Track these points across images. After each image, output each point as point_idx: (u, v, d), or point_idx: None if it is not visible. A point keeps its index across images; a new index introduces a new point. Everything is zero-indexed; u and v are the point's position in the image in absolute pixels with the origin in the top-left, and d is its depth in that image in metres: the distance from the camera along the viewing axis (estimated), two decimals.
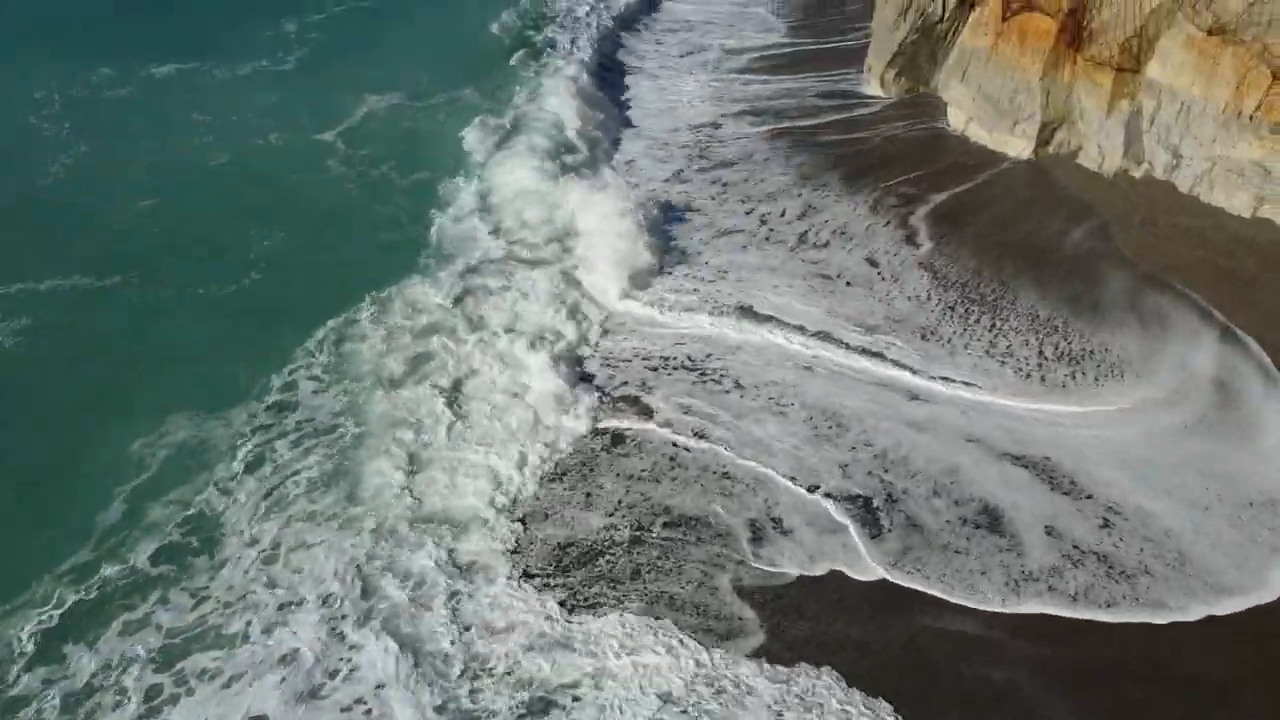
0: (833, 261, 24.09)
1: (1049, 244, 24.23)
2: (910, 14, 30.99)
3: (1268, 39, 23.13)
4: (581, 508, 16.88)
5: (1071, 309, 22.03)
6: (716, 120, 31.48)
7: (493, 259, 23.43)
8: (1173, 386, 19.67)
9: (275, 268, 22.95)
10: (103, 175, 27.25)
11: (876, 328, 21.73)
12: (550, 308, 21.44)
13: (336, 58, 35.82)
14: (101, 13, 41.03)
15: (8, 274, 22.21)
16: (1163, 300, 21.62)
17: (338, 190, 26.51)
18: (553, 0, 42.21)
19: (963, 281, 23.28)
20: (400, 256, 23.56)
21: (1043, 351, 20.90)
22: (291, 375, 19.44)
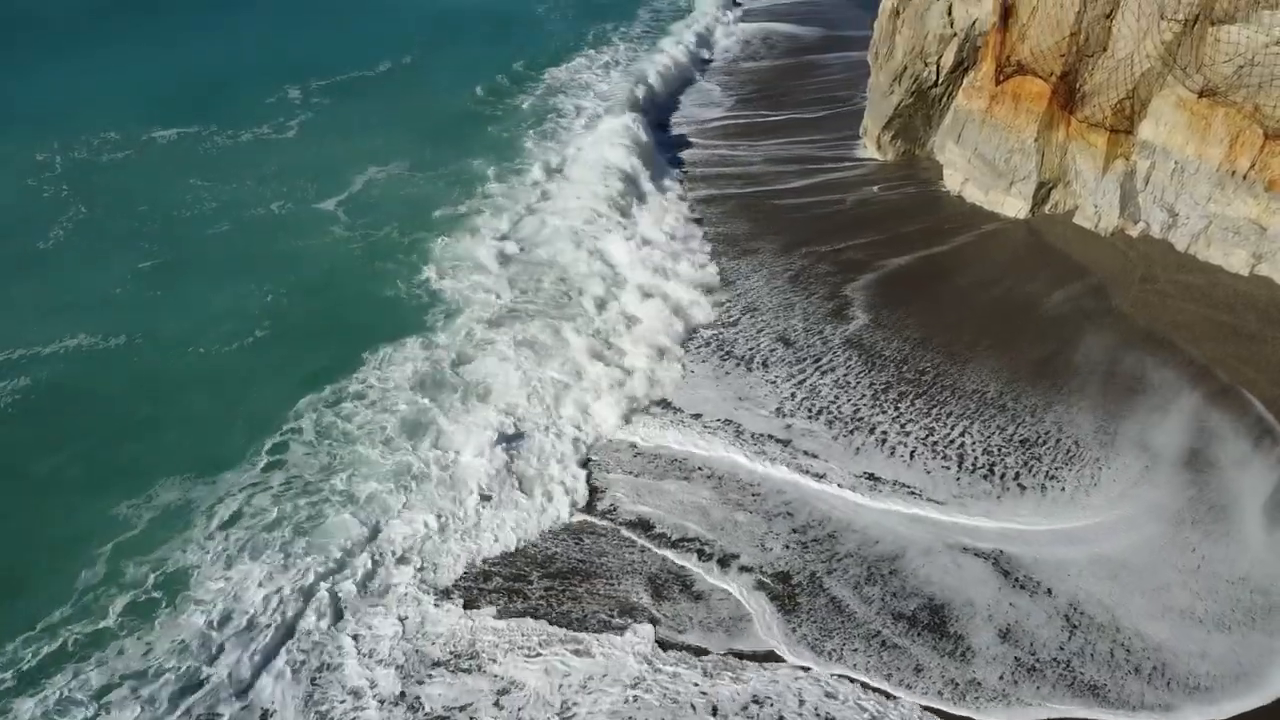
0: (738, 341, 23.25)
1: (1027, 305, 24.25)
2: (905, 79, 31.76)
3: (1258, 100, 23.69)
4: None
5: (1033, 379, 21.38)
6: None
7: (493, 321, 23.67)
8: (1141, 466, 18.83)
9: (273, 330, 23.26)
10: (102, 237, 27.73)
11: (782, 419, 20.30)
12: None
13: (339, 124, 36.56)
14: (106, 76, 41.94)
15: (8, 336, 22.56)
16: (1145, 360, 21.67)
17: (337, 256, 26.95)
18: (566, 70, 43.06)
19: (900, 358, 22.23)
20: (399, 319, 23.83)
21: (988, 441, 19.52)
22: (284, 436, 19.55)
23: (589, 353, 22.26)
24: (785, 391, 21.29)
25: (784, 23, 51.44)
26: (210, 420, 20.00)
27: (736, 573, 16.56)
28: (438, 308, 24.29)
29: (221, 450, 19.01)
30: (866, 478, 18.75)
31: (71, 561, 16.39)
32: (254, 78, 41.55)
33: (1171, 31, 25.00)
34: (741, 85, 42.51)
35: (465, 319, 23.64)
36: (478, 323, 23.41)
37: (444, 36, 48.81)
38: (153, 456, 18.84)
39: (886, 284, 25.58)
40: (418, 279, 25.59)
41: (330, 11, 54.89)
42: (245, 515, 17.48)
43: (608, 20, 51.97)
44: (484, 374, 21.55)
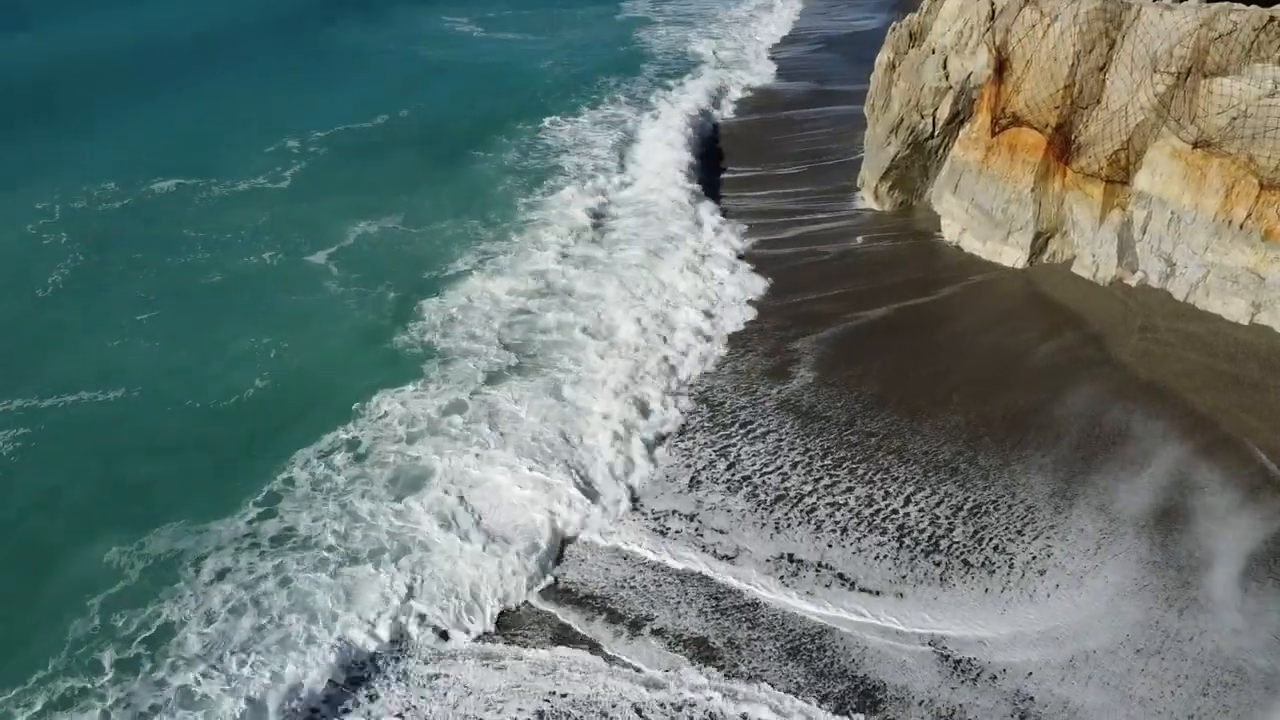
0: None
1: (1013, 356, 24.17)
2: (901, 131, 32.27)
3: (1253, 151, 24.05)
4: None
5: (1001, 436, 20.74)
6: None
7: (490, 372, 23.82)
8: (1101, 531, 18.05)
9: (267, 381, 23.49)
10: (99, 287, 28.25)
11: (694, 492, 19.40)
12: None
13: (334, 177, 37.19)
14: (109, 125, 42.84)
15: (6, 387, 22.95)
16: (1135, 412, 21.55)
17: (329, 308, 27.29)
18: (566, 130, 43.51)
19: (846, 419, 21.28)
20: (394, 372, 24.02)
21: (934, 511, 18.47)
22: (276, 488, 19.65)
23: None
24: (702, 460, 20.70)
25: (778, 80, 52.21)
26: (203, 471, 20.13)
27: (648, 636, 16.26)
28: (433, 361, 24.44)
29: (213, 502, 19.10)
30: (786, 560, 17.65)
31: (66, 612, 16.44)
32: (254, 129, 42.52)
33: (1164, 84, 25.48)
34: (725, 139, 42.98)
35: (460, 374, 23.75)
36: (472, 379, 23.51)
37: (442, 90, 49.87)
38: (146, 507, 18.97)
39: (850, 338, 25.30)
40: (412, 333, 25.80)
41: (330, 64, 56.35)
42: (234, 570, 17.47)
43: (611, 75, 52.67)
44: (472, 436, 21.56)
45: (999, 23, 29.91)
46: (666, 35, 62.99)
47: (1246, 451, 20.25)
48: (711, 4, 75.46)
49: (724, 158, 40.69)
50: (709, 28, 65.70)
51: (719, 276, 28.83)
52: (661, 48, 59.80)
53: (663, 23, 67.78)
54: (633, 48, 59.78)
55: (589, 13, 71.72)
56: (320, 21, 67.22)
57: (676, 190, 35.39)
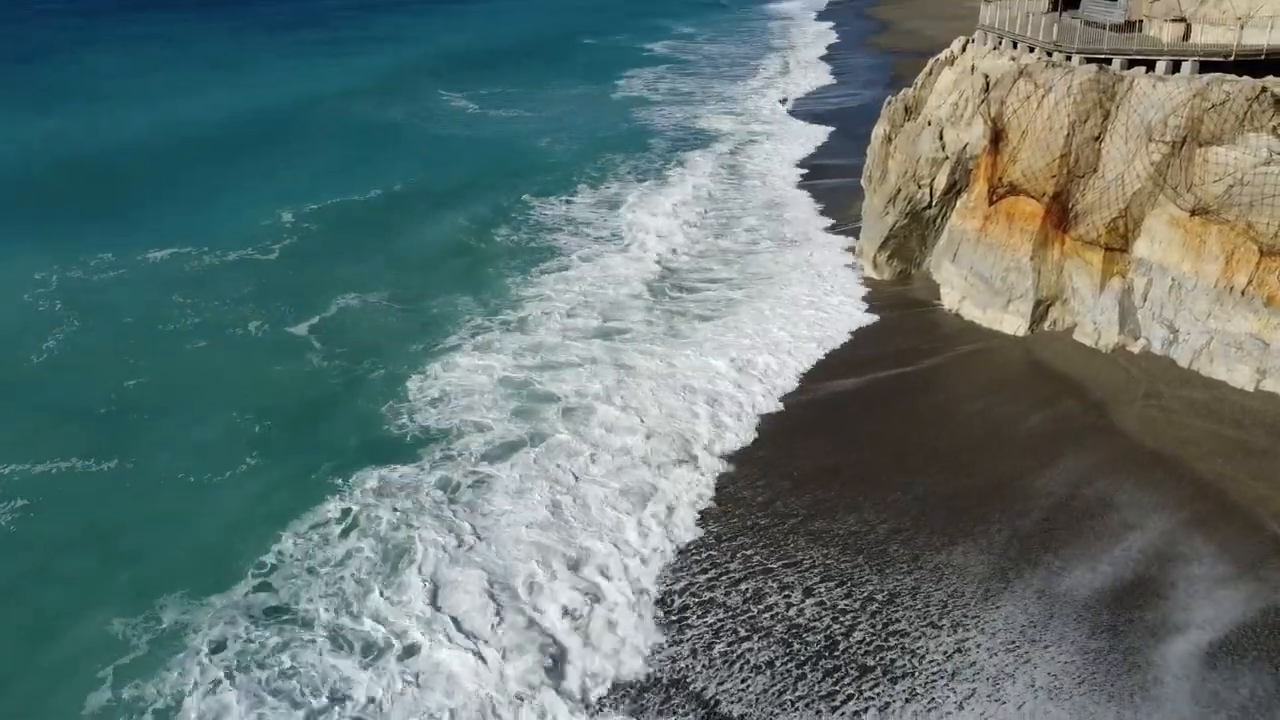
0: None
1: (997, 427, 24.11)
2: (899, 201, 32.85)
3: (1250, 218, 24.51)
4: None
5: (958, 511, 20.34)
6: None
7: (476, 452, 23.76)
8: (1029, 624, 17.10)
9: (255, 455, 23.68)
10: (93, 354, 28.96)
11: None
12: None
13: (322, 250, 37.93)
14: (110, 199, 43.87)
15: (3, 453, 23.35)
16: (1124, 481, 21.38)
17: (312, 379, 27.66)
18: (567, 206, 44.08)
19: (765, 499, 20.89)
20: (380, 447, 24.10)
21: (835, 605, 17.28)
22: (271, 560, 19.79)
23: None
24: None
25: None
26: (196, 543, 20.40)
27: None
28: (419, 437, 24.49)
29: (210, 574, 19.34)
30: (626, 689, 15.99)
31: (81, 683, 16.71)
32: (247, 200, 43.57)
33: (1160, 153, 26.09)
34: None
35: (448, 451, 23.77)
36: (460, 456, 23.50)
37: (440, 165, 50.92)
38: (145, 578, 19.27)
39: (804, 411, 25.31)
40: (397, 405, 25.95)
41: (326, 138, 57.72)
42: (235, 641, 17.62)
43: (617, 152, 53.31)
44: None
45: (994, 94, 30.71)
46: (665, 115, 64.51)
47: (1255, 520, 20.15)
48: (708, 82, 77.38)
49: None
50: (705, 107, 67.09)
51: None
52: (658, 126, 61.14)
53: (660, 102, 69.48)
54: (629, 127, 61.24)
55: (583, 92, 73.58)
56: (319, 95, 68.94)
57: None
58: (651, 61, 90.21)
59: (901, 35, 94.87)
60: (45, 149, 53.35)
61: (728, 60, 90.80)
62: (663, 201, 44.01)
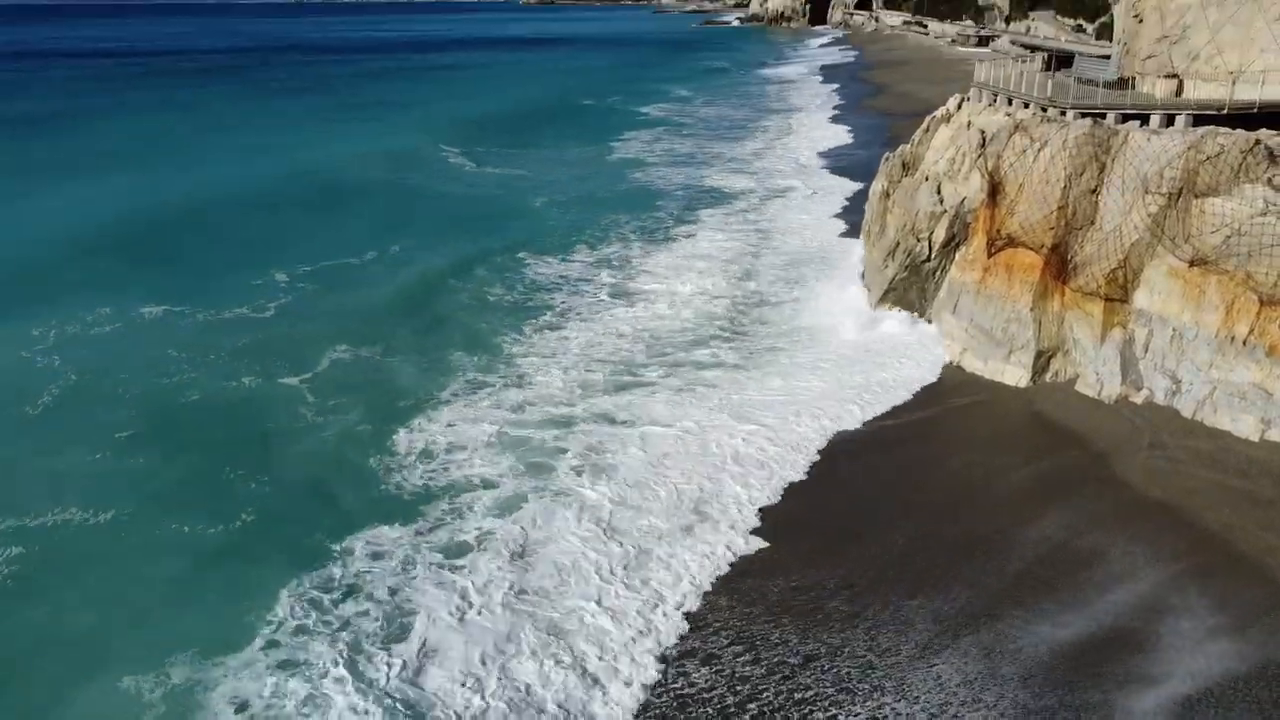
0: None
1: (983, 480, 23.93)
2: (898, 254, 33.37)
3: (1249, 268, 24.92)
4: None
5: (917, 568, 19.89)
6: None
7: (466, 514, 23.66)
8: (961, 688, 16.08)
9: (256, 509, 23.67)
10: (87, 408, 29.12)
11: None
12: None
13: (318, 307, 38.34)
14: (107, 260, 44.49)
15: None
16: (1120, 533, 21.22)
17: (307, 433, 27.80)
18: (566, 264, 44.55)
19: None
20: (379, 502, 24.08)
21: (736, 678, 16.04)
22: (274, 620, 19.66)
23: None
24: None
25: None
26: (198, 601, 20.25)
27: None
28: (418, 492, 24.46)
29: (218, 635, 19.15)
30: None
31: None
32: (243, 260, 44.21)
33: (1157, 204, 26.64)
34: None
35: (451, 506, 23.75)
36: (462, 514, 23.44)
37: (432, 225, 51.69)
38: (151, 637, 19.10)
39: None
40: (394, 459, 26.01)
41: (321, 193, 58.53)
42: (250, 701, 17.50)
43: (620, 212, 53.67)
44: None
45: (990, 149, 31.42)
46: (669, 176, 65.55)
47: (1263, 571, 20.07)
48: (705, 144, 78.76)
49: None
50: (710, 167, 68.22)
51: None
52: (663, 186, 62.00)
53: (660, 163, 70.68)
54: (629, 186, 62.12)
55: (582, 153, 75.04)
56: (313, 158, 70.17)
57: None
58: (651, 124, 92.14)
59: (896, 98, 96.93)
60: (43, 212, 54.18)
61: (727, 122, 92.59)
62: (671, 258, 44.45)
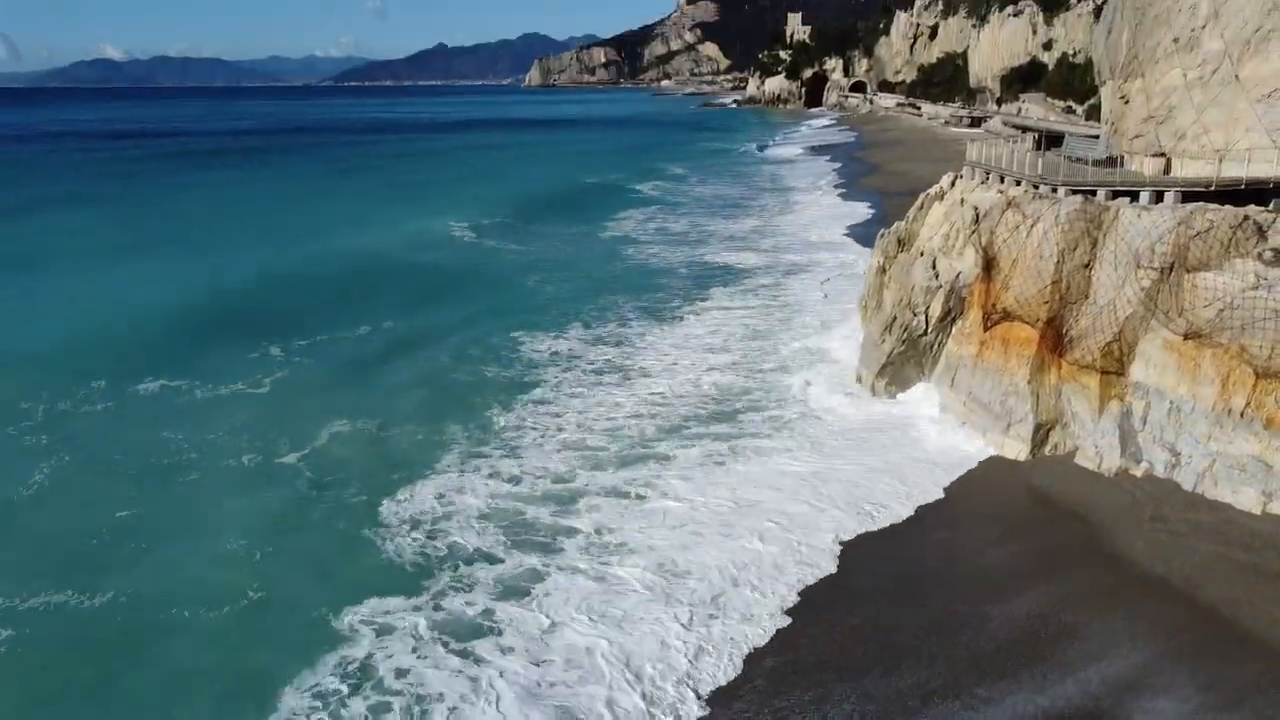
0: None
1: (974, 555, 23.84)
2: (895, 328, 33.72)
3: (1243, 341, 25.22)
4: None
5: (868, 648, 19.71)
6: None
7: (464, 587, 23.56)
8: None
9: (255, 588, 23.48)
10: (81, 487, 28.93)
11: None
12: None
13: (313, 383, 38.59)
14: (105, 331, 44.79)
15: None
16: (1108, 610, 20.95)
17: (306, 508, 27.67)
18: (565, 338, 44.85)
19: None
20: (380, 579, 23.92)
21: None
22: (279, 707, 19.35)
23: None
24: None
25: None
26: (203, 687, 19.90)
27: None
28: (421, 567, 24.32)
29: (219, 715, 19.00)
30: None
31: None
32: (238, 333, 44.62)
33: (1149, 279, 27.08)
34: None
35: (455, 582, 23.59)
36: (466, 592, 23.24)
37: (430, 299, 52.30)
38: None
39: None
40: (394, 534, 25.90)
41: (322, 265, 59.32)
42: None
43: (617, 294, 53.74)
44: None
45: (983, 225, 32.02)
46: (655, 255, 66.34)
47: (1266, 646, 19.81)
48: (706, 221, 79.97)
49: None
50: (696, 248, 69.03)
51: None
52: (650, 267, 62.48)
53: (647, 242, 71.70)
54: (620, 266, 62.86)
55: (577, 231, 76.57)
56: (317, 230, 71.34)
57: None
58: (649, 202, 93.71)
59: (891, 176, 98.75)
60: (45, 294, 54.88)
61: (723, 200, 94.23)
62: (676, 336, 44.70)
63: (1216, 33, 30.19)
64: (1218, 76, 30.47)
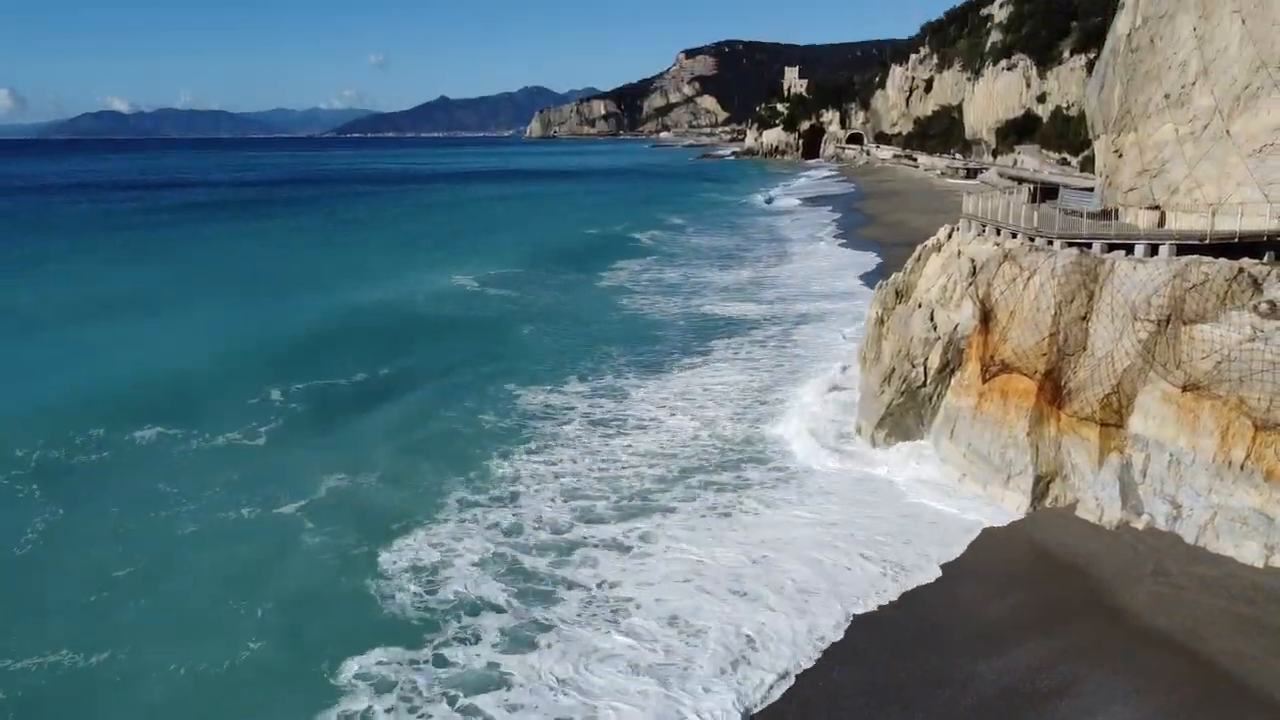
0: None
1: (972, 612, 23.81)
2: (894, 379, 33.80)
3: (1242, 393, 25.24)
4: None
5: (830, 703, 19.84)
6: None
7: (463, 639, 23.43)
8: None
9: (256, 643, 23.24)
10: (76, 541, 28.64)
11: None
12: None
13: (311, 433, 38.58)
14: (105, 380, 44.88)
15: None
16: (1107, 667, 20.66)
17: (306, 561, 27.52)
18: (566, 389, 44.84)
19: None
20: (382, 632, 23.73)
21: None
22: None
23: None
24: None
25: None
26: None
27: None
28: (424, 620, 24.12)
29: None
30: None
31: None
32: (238, 379, 44.94)
33: (1146, 331, 27.19)
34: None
35: (459, 635, 23.41)
36: (468, 645, 23.06)
37: (424, 350, 52.50)
38: None
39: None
40: (394, 586, 25.72)
41: (326, 313, 59.89)
42: None
43: (612, 345, 53.58)
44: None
45: (980, 277, 32.23)
46: (648, 304, 66.75)
47: (1271, 700, 19.58)
48: (701, 273, 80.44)
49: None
50: (692, 299, 69.29)
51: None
52: (649, 318, 62.40)
53: (639, 292, 72.22)
54: (616, 316, 63.09)
55: (576, 280, 77.45)
56: (318, 275, 71.90)
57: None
58: (647, 252, 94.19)
59: (889, 227, 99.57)
60: (38, 340, 55.14)
61: (721, 251, 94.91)
62: (680, 386, 44.69)
63: (1206, 89, 30.66)
64: (1209, 132, 30.88)
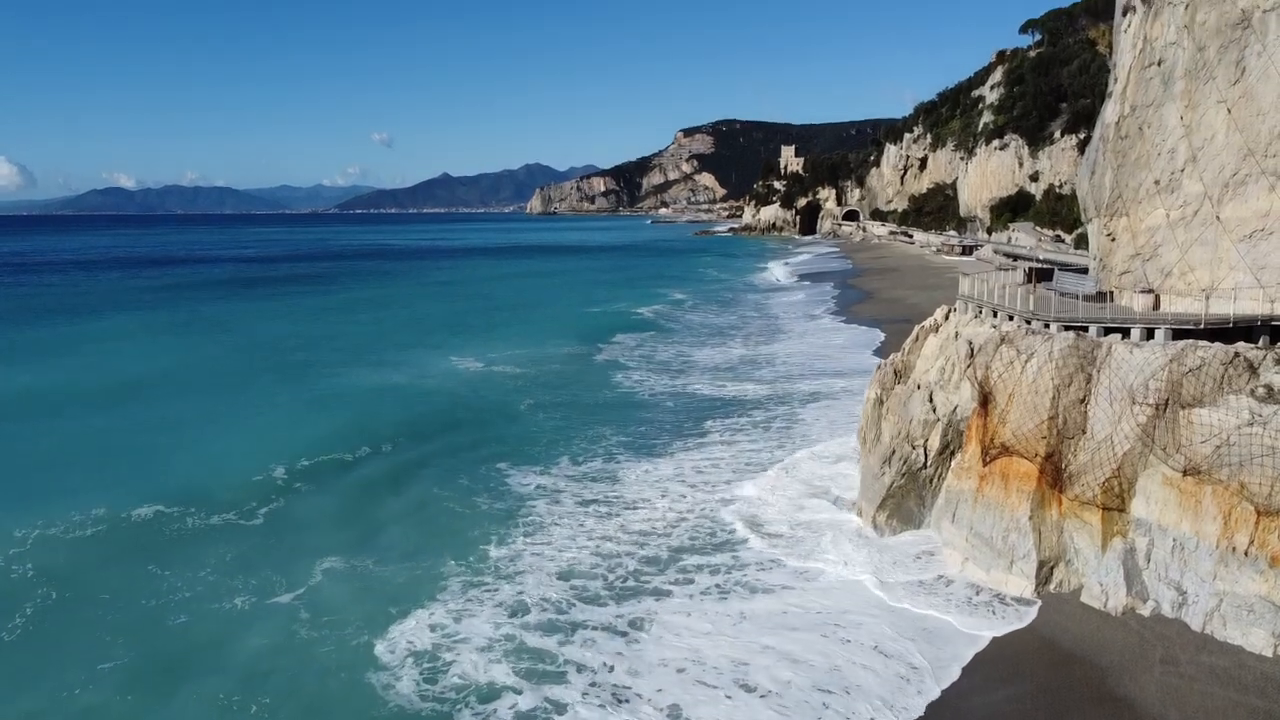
0: None
1: (962, 702, 23.39)
2: (894, 461, 33.68)
3: (1242, 478, 25.10)
4: None
5: None
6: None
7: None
8: None
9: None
10: (65, 630, 28.11)
11: None
12: None
13: (307, 514, 38.27)
14: (102, 455, 44.53)
15: None
16: None
17: (303, 652, 27.06)
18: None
19: None
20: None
21: None
22: None
23: None
24: None
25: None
26: None
27: None
28: (432, 713, 23.69)
29: None
30: None
31: None
32: (240, 456, 44.78)
33: (1145, 414, 27.16)
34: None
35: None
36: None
37: (425, 426, 52.45)
38: None
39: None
40: (395, 676, 25.26)
41: (330, 392, 60.47)
42: None
43: (605, 424, 53.32)
44: None
45: (978, 360, 32.34)
46: (642, 381, 66.82)
47: None
48: (683, 351, 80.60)
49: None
50: (686, 379, 69.12)
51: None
52: (637, 399, 62.15)
53: (634, 368, 72.39)
54: (611, 395, 63.07)
55: (579, 355, 77.85)
56: (337, 352, 72.22)
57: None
58: (647, 326, 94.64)
59: (886, 304, 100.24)
60: (38, 420, 55.02)
61: (713, 328, 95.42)
62: (666, 467, 44.43)
63: (1196, 176, 31.15)
64: (1199, 217, 31.29)
